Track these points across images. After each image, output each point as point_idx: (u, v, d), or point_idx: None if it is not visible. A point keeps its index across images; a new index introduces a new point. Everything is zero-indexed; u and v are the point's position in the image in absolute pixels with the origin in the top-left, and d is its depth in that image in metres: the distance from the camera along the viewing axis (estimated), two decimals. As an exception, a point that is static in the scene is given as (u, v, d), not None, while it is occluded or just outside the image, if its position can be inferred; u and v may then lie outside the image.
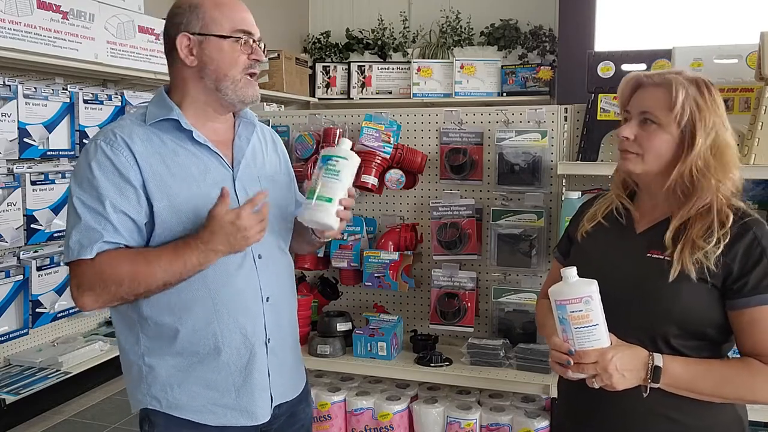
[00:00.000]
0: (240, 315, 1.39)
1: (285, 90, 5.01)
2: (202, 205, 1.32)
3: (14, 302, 3.08)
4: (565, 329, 1.21)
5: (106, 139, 1.31)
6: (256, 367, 1.41)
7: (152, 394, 1.39)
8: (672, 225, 1.26)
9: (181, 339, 1.36)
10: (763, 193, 1.97)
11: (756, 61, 1.82)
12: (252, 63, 1.39)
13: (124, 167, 1.29)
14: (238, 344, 1.39)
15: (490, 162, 2.18)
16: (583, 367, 1.19)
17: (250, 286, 1.40)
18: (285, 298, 1.51)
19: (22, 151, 3.09)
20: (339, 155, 1.40)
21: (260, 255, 1.42)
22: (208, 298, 1.36)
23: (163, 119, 1.37)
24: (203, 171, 1.37)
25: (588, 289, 1.20)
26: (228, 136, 1.45)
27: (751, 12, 4.60)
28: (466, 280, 2.15)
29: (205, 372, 1.38)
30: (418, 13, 5.93)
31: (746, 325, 1.22)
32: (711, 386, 1.22)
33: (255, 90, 1.41)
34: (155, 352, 1.38)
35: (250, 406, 1.41)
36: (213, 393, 1.39)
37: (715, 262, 1.21)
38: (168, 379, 1.38)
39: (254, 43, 1.39)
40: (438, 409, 2.02)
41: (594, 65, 2.10)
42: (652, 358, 1.21)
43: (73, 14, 3.14)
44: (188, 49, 1.36)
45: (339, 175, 1.39)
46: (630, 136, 1.28)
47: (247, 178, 1.44)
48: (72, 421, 3.27)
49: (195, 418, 1.39)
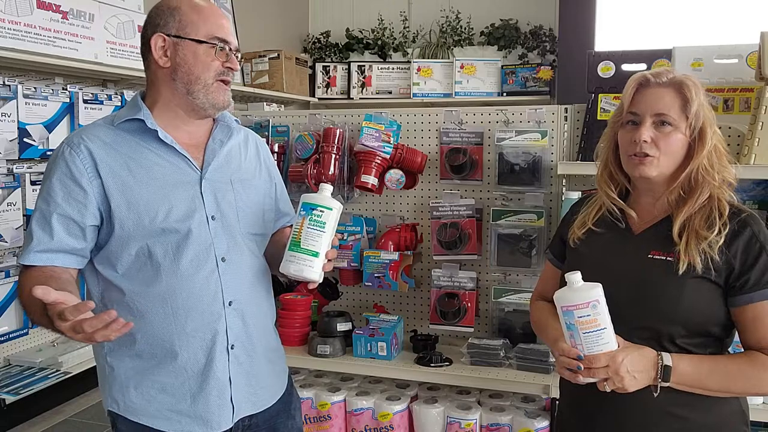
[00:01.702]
0: (197, 319, 1.36)
1: (285, 90, 5.00)
2: (160, 206, 1.34)
3: (14, 302, 3.07)
4: (573, 335, 1.21)
5: (70, 143, 1.35)
6: (213, 373, 1.38)
7: (112, 396, 1.40)
8: (677, 222, 1.27)
9: (140, 340, 1.36)
10: (764, 193, 1.96)
11: (756, 61, 1.81)
12: (225, 70, 1.38)
13: (79, 171, 1.32)
14: (194, 349, 1.37)
15: (490, 162, 2.18)
16: (594, 372, 1.19)
17: (209, 289, 1.37)
18: (254, 302, 1.46)
19: (22, 151, 3.08)
20: (324, 206, 1.36)
21: (224, 258, 1.39)
22: (166, 300, 1.35)
23: (130, 119, 1.38)
24: (166, 172, 1.37)
25: (594, 293, 1.20)
26: (203, 139, 1.45)
27: (751, 12, 4.59)
28: (466, 280, 2.14)
29: (161, 376, 1.37)
30: (418, 13, 5.92)
31: (750, 321, 1.23)
32: (719, 382, 1.23)
33: (226, 96, 1.40)
34: (116, 352, 1.38)
35: (206, 413, 1.38)
36: (168, 398, 1.37)
37: (719, 254, 1.23)
38: (126, 381, 1.38)
39: (230, 51, 1.39)
40: (438, 409, 2.02)
41: (594, 65, 2.10)
42: (660, 357, 1.22)
43: (72, 14, 3.14)
44: (163, 50, 1.37)
45: (324, 227, 1.36)
46: (648, 139, 1.26)
47: (218, 180, 1.43)
48: (72, 421, 3.27)
49: (150, 423, 1.37)
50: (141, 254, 1.34)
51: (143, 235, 1.33)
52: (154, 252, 1.34)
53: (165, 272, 1.34)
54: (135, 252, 1.34)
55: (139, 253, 1.34)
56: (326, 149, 2.18)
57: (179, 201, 1.36)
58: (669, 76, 1.28)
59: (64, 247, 1.33)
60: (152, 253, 1.34)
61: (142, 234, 1.33)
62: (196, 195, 1.38)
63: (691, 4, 4.93)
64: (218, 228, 1.40)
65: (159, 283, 1.34)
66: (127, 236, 1.33)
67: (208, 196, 1.39)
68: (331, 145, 2.18)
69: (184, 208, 1.36)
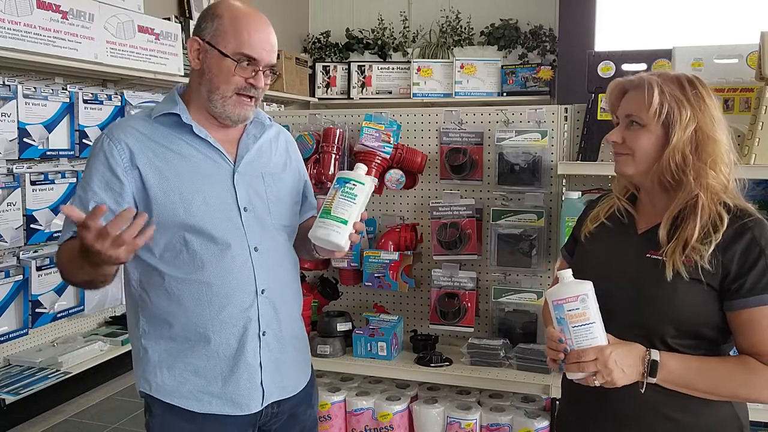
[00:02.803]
0: (231, 305, 1.40)
1: (285, 90, 5.01)
2: (194, 196, 1.38)
3: (14, 302, 3.08)
4: (564, 329, 1.23)
5: (109, 135, 1.40)
6: (244, 358, 1.42)
7: (144, 377, 1.43)
8: (663, 222, 1.27)
9: (175, 324, 1.40)
10: (764, 193, 1.96)
11: (756, 61, 1.82)
12: (248, 86, 1.40)
13: (116, 162, 1.36)
14: (227, 334, 1.41)
15: (490, 162, 2.18)
16: (583, 366, 1.20)
17: (243, 278, 1.41)
18: (285, 291, 1.51)
19: (22, 151, 3.09)
20: (357, 180, 1.42)
21: (257, 247, 1.43)
22: (202, 287, 1.39)
23: (167, 113, 1.43)
24: (201, 164, 1.41)
25: (583, 287, 1.23)
26: (236, 135, 1.49)
27: (751, 12, 4.60)
28: (466, 280, 2.14)
29: (194, 358, 1.41)
30: (418, 13, 5.93)
31: (744, 326, 1.22)
32: (707, 383, 1.23)
33: (244, 110, 1.42)
34: (151, 335, 1.42)
35: (236, 396, 1.42)
36: (200, 380, 1.42)
37: (709, 262, 1.21)
38: (159, 363, 1.42)
39: (258, 71, 1.39)
40: (438, 409, 2.02)
41: (594, 65, 2.10)
42: (649, 353, 1.22)
43: (72, 14, 3.14)
44: (196, 52, 1.41)
45: (356, 199, 1.40)
46: (618, 139, 1.31)
47: (250, 173, 1.47)
48: (72, 421, 3.27)
49: (181, 404, 1.41)
50: (177, 242, 1.38)
51: (179, 224, 1.37)
52: (189, 241, 1.38)
53: (200, 260, 1.38)
54: (171, 239, 1.38)
55: (175, 241, 1.38)
56: (326, 149, 2.18)
57: (213, 192, 1.41)
58: (639, 78, 1.30)
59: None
60: (188, 242, 1.38)
61: (178, 223, 1.37)
62: (229, 187, 1.43)
63: (691, 4, 4.94)
64: (250, 219, 1.44)
65: (195, 271, 1.39)
66: (164, 224, 1.36)
67: (241, 188, 1.44)
68: (331, 145, 2.18)
69: (218, 200, 1.41)
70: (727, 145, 1.27)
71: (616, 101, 1.35)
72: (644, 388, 1.22)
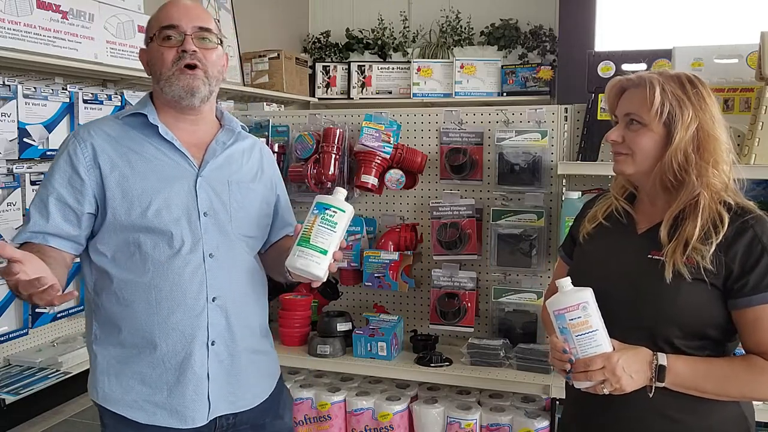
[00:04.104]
0: (180, 311, 1.38)
1: (285, 90, 5.00)
2: (153, 198, 1.38)
3: (14, 302, 3.07)
4: (567, 338, 1.22)
5: (75, 135, 1.42)
6: (191, 367, 1.39)
7: (94, 385, 1.42)
8: (664, 222, 1.26)
9: (124, 329, 1.39)
10: (764, 193, 1.96)
11: (756, 61, 1.81)
12: (182, 55, 1.39)
13: (78, 160, 1.38)
14: (174, 341, 1.38)
15: (490, 162, 2.18)
16: (591, 374, 1.19)
17: (193, 284, 1.39)
18: (239, 301, 1.47)
19: (22, 151, 3.08)
20: (338, 207, 1.37)
21: (212, 254, 1.41)
22: (151, 291, 1.37)
23: (135, 114, 1.44)
24: (164, 166, 1.41)
25: (583, 295, 1.22)
26: (206, 140, 1.49)
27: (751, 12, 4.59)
28: (466, 280, 2.14)
29: (141, 366, 1.39)
30: (418, 13, 5.92)
31: (749, 324, 1.22)
32: (715, 384, 1.22)
33: (186, 81, 1.40)
34: (102, 340, 1.41)
35: (181, 407, 1.39)
36: (146, 389, 1.40)
37: (712, 261, 1.21)
38: (107, 369, 1.40)
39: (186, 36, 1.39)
40: (438, 410, 2.02)
41: (594, 65, 2.10)
42: (656, 357, 1.21)
43: (72, 14, 3.13)
44: (144, 61, 1.47)
45: (336, 227, 1.36)
46: (618, 139, 1.30)
47: (214, 179, 1.46)
48: (72, 421, 3.27)
49: (126, 414, 1.39)
50: (131, 244, 1.37)
51: (134, 225, 1.37)
52: (143, 242, 1.37)
53: (152, 263, 1.37)
54: (125, 241, 1.37)
55: (128, 242, 1.37)
56: (326, 149, 2.18)
57: (173, 195, 1.39)
58: (639, 77, 1.29)
59: (59, 231, 1.37)
60: (141, 244, 1.37)
61: (133, 224, 1.37)
62: (191, 190, 1.41)
63: (691, 4, 4.93)
64: (209, 225, 1.42)
65: (146, 274, 1.37)
66: (119, 225, 1.37)
67: (202, 193, 1.42)
68: (331, 145, 2.18)
69: (177, 202, 1.39)
70: (727, 144, 1.27)
71: (614, 100, 1.35)
72: (653, 392, 1.22)
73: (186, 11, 1.41)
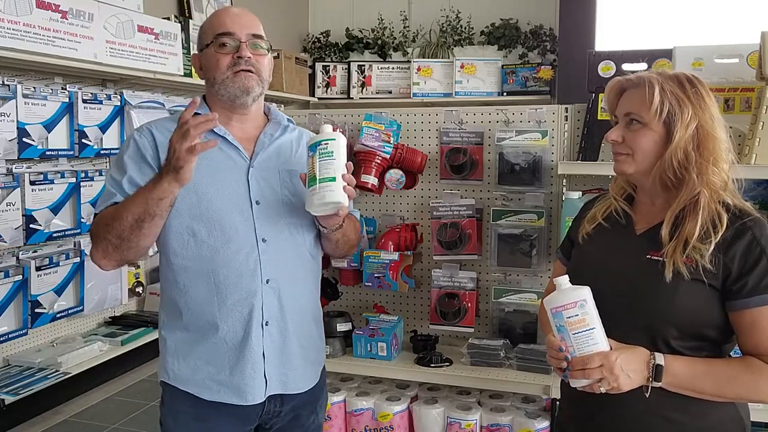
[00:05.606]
0: (237, 294, 1.46)
1: (285, 90, 5.00)
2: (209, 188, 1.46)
3: (13, 302, 3.07)
4: (564, 336, 1.22)
5: (139, 130, 1.53)
6: (249, 346, 1.47)
7: (165, 367, 1.51)
8: (665, 221, 1.26)
9: (186, 314, 1.48)
10: (764, 193, 1.96)
11: (757, 60, 1.81)
12: (236, 61, 1.48)
13: (144, 149, 1.48)
14: (234, 322, 1.46)
15: (490, 162, 2.18)
16: (589, 373, 1.19)
17: (248, 267, 1.46)
18: (291, 284, 1.53)
19: (21, 151, 3.08)
20: (328, 138, 1.42)
21: (264, 239, 1.48)
22: (210, 276, 1.45)
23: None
24: (219, 159, 1.49)
25: (581, 293, 1.22)
26: (255, 134, 1.57)
27: (751, 12, 4.59)
28: (466, 280, 2.14)
29: (206, 347, 1.48)
30: (418, 13, 5.92)
31: (747, 326, 1.22)
32: (712, 385, 1.22)
33: (242, 82, 1.48)
34: (169, 326, 1.52)
35: (242, 384, 1.47)
36: (211, 368, 1.48)
37: (711, 261, 1.21)
38: (176, 352, 1.50)
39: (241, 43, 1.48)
40: (438, 410, 2.02)
41: (594, 65, 2.10)
42: (653, 357, 1.21)
43: (72, 14, 3.13)
44: (198, 65, 1.56)
45: (333, 155, 1.41)
46: (618, 138, 1.31)
47: (265, 169, 1.53)
48: (72, 421, 3.27)
49: (194, 392, 1.48)
50: (187, 232, 1.46)
51: (191, 213, 1.45)
52: (197, 230, 1.45)
53: (209, 250, 1.45)
54: (180, 229, 1.45)
55: (185, 230, 1.46)
56: (326, 149, 2.17)
57: (227, 185, 1.48)
58: (638, 77, 1.29)
59: None
60: (196, 232, 1.45)
61: (190, 212, 1.45)
62: (243, 181, 1.50)
63: (691, 4, 4.93)
64: (262, 212, 1.49)
65: (202, 260, 1.45)
66: (176, 213, 1.44)
67: (254, 182, 1.50)
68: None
69: (231, 192, 1.48)
70: (726, 143, 1.27)
71: (614, 100, 1.35)
72: (649, 392, 1.21)
73: (239, 19, 1.51)
